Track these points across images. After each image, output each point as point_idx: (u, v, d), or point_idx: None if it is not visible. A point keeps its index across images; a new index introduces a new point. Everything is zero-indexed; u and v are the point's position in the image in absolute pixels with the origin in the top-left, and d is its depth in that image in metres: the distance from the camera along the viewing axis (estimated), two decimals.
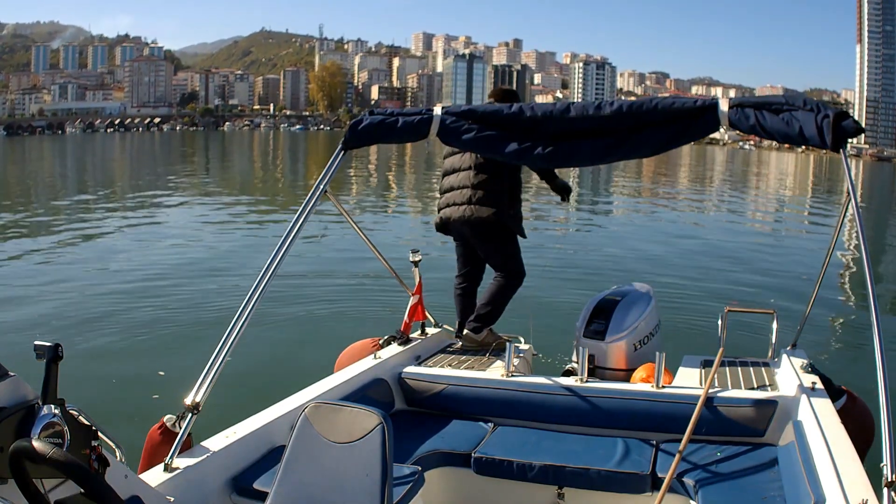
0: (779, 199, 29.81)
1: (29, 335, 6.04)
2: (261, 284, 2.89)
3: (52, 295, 9.29)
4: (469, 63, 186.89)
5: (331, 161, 3.29)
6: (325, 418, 2.15)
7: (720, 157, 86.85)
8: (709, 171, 52.18)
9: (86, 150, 64.45)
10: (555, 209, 18.98)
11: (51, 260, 11.81)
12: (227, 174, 36.51)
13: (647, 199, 27.81)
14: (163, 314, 8.36)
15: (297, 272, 10.40)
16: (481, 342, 4.33)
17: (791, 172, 49.49)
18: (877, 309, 2.43)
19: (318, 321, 8.13)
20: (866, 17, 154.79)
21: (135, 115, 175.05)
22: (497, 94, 4.52)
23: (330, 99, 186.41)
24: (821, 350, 5.53)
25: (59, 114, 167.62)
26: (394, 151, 55.33)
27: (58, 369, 1.86)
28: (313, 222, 14.70)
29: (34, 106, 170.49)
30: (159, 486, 2.36)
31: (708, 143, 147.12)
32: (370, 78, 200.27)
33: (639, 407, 3.30)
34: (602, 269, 11.36)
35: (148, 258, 11.91)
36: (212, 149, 68.55)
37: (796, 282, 10.16)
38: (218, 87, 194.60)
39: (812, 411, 2.83)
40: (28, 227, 16.47)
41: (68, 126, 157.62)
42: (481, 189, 4.29)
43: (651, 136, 3.00)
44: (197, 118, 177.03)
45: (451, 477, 3.20)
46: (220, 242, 13.58)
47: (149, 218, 17.76)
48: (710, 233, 17.22)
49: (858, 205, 2.81)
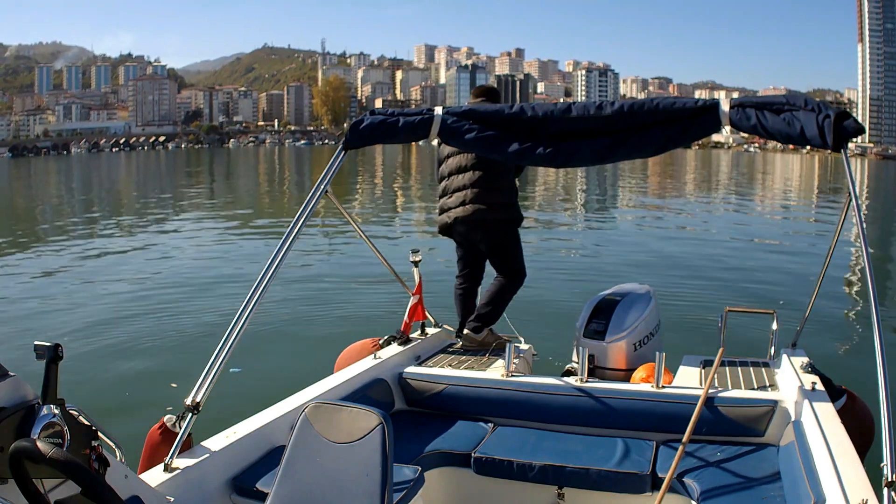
0: (781, 200, 29.75)
1: (29, 335, 6.05)
2: (261, 285, 2.89)
3: (53, 298, 9.31)
4: (472, 74, 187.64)
5: (331, 161, 3.28)
6: (325, 418, 2.14)
7: (724, 159, 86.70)
8: (711, 174, 52.12)
9: (91, 170, 64.79)
10: (555, 209, 18.98)
11: (55, 269, 11.81)
12: (233, 189, 36.50)
13: (647, 199, 27.86)
14: (163, 315, 8.37)
15: (297, 272, 10.41)
16: (481, 342, 4.33)
17: (796, 174, 49.21)
18: (877, 309, 2.43)
19: (318, 321, 8.14)
20: (867, 15, 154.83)
21: (139, 133, 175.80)
22: (483, 92, 4.50)
23: (334, 113, 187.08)
24: (821, 350, 5.52)
25: (64, 134, 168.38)
26: (397, 151, 55.39)
27: (58, 369, 1.86)
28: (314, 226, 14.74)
29: (39, 127, 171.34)
30: (159, 486, 2.36)
31: (713, 146, 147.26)
32: (373, 91, 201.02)
33: (639, 407, 3.30)
34: (602, 269, 11.36)
35: (151, 266, 11.93)
36: (217, 166, 68.92)
37: (797, 282, 10.17)
38: (222, 104, 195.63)
39: (812, 411, 2.83)
40: (34, 240, 16.49)
41: (73, 146, 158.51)
42: (488, 188, 4.29)
43: (652, 136, 2.99)
44: (202, 136, 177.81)
45: (451, 477, 3.20)
46: (222, 250, 13.57)
47: (153, 230, 17.72)
48: (711, 233, 17.23)
49: (859, 205, 2.81)
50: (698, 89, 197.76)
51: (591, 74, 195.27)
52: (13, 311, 8.62)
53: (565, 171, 38.65)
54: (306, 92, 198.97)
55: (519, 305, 4.66)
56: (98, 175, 55.71)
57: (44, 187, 40.39)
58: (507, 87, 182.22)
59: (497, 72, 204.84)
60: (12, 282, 10.64)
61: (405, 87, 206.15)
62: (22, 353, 2.02)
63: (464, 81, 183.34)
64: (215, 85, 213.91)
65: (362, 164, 53.94)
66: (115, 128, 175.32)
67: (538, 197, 26.23)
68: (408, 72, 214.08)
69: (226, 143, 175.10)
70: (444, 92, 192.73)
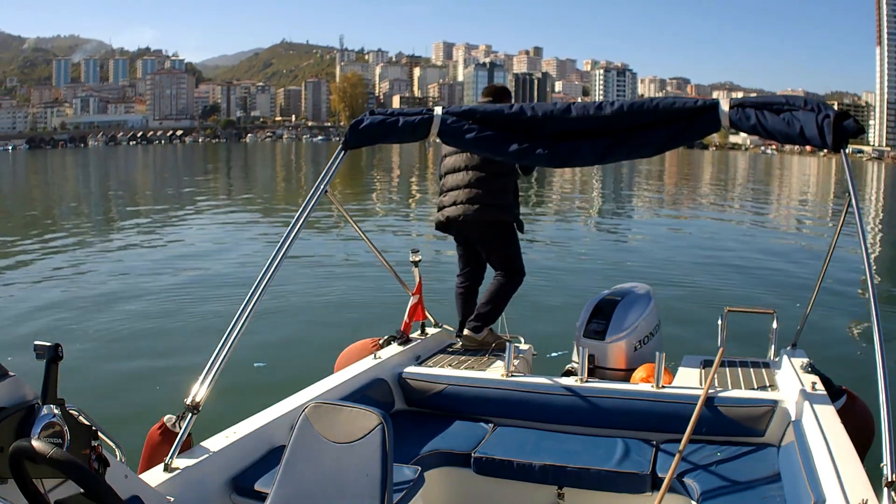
0: (793, 202, 29.53)
1: (29, 336, 6.04)
2: (261, 285, 2.88)
3: (54, 297, 9.30)
4: (490, 71, 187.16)
5: (331, 161, 3.28)
6: (325, 418, 2.14)
7: (742, 161, 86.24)
8: (723, 174, 51.84)
9: (108, 163, 64.89)
10: (556, 209, 18.98)
11: (55, 268, 11.77)
12: (247, 186, 36.41)
13: (654, 201, 27.82)
14: (163, 315, 8.37)
15: (297, 272, 10.41)
16: (481, 342, 4.33)
17: (812, 176, 48.66)
18: (877, 309, 2.42)
19: (318, 321, 8.14)
20: (885, 18, 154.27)
21: (157, 127, 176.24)
22: (490, 92, 4.53)
23: (351, 109, 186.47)
24: (821, 350, 5.51)
25: (82, 127, 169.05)
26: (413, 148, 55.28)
27: (58, 369, 1.86)
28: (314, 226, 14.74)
29: (56, 119, 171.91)
30: (159, 486, 2.36)
31: (730, 147, 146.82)
32: (391, 88, 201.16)
33: (639, 407, 3.30)
34: (602, 269, 11.36)
35: (150, 266, 11.88)
36: (234, 160, 69.14)
37: (797, 282, 10.16)
38: (239, 99, 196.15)
39: (812, 411, 2.83)
40: (41, 233, 16.48)
41: (90, 139, 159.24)
42: (481, 188, 4.31)
43: (652, 136, 2.99)
44: (219, 130, 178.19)
45: (451, 477, 3.20)
46: (223, 250, 13.53)
47: (159, 229, 17.65)
48: (712, 233, 17.22)
49: (859, 205, 2.81)
50: (716, 90, 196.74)
51: (609, 74, 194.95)
52: (12, 310, 8.61)
53: (581, 174, 38.60)
54: (324, 88, 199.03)
55: (519, 305, 4.66)
56: (115, 168, 55.96)
57: (60, 182, 40.48)
58: (524, 85, 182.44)
59: (515, 70, 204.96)
60: (11, 281, 10.64)
61: (423, 85, 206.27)
62: (22, 353, 2.02)
63: (482, 79, 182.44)
64: (233, 80, 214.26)
65: (379, 161, 53.89)
66: (132, 121, 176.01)
67: (545, 197, 26.26)
68: (425, 69, 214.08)
69: (243, 137, 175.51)
70: (462, 89, 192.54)
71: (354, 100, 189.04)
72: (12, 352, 5.85)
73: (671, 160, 66.04)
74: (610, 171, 42.10)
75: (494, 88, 4.56)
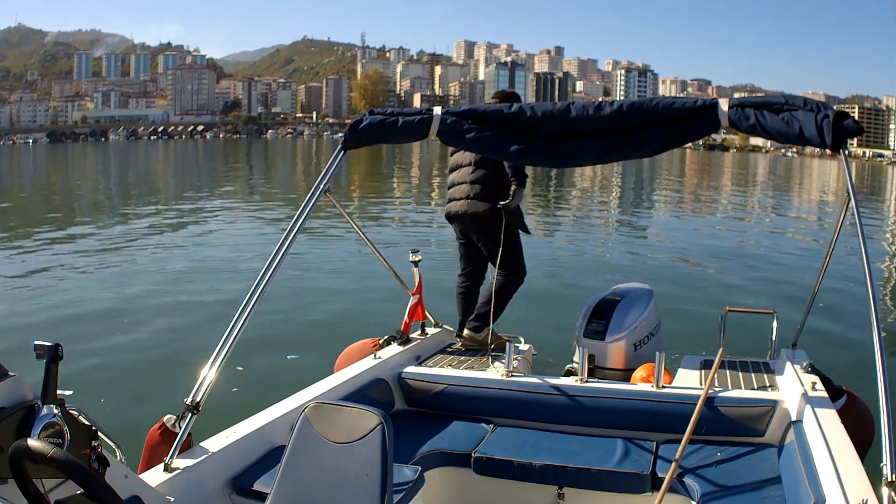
0: (805, 204, 29.24)
1: (29, 336, 6.03)
2: (261, 284, 2.89)
3: (55, 297, 9.29)
4: (511, 71, 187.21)
5: (330, 161, 3.28)
6: (325, 418, 2.14)
7: (761, 163, 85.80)
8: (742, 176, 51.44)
9: (129, 157, 64.83)
10: (556, 209, 18.97)
11: (54, 267, 11.75)
12: (269, 181, 36.32)
13: (649, 200, 27.81)
14: (163, 315, 8.36)
15: (297, 272, 10.41)
16: (481, 341, 4.33)
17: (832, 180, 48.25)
18: (877, 309, 2.42)
19: (317, 321, 8.13)
20: None
21: (178, 122, 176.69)
22: (499, 96, 4.58)
23: (372, 107, 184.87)
24: (821, 350, 5.51)
25: (102, 121, 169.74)
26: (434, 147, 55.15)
27: (58, 369, 1.86)
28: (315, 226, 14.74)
29: (77, 113, 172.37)
30: (159, 486, 2.36)
31: (750, 150, 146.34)
32: (412, 86, 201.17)
33: (639, 407, 3.30)
34: (602, 269, 11.36)
35: (151, 265, 11.86)
36: (255, 156, 69.08)
37: (797, 282, 10.16)
38: (260, 95, 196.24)
39: (812, 411, 2.83)
40: (44, 232, 16.45)
41: (111, 133, 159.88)
42: (480, 185, 4.40)
43: (651, 136, 2.99)
44: (240, 126, 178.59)
45: (451, 477, 3.20)
46: (224, 250, 13.50)
47: (168, 225, 17.53)
48: (712, 233, 17.22)
49: (858, 204, 2.81)
50: (737, 92, 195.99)
51: (630, 74, 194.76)
52: (13, 310, 8.61)
53: (580, 174, 38.54)
54: (345, 85, 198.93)
55: (519, 305, 4.66)
56: (135, 163, 55.94)
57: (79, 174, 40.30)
58: (546, 85, 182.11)
59: (536, 69, 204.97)
60: (11, 278, 10.64)
61: (444, 83, 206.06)
62: (21, 353, 2.01)
63: (503, 78, 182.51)
64: (254, 76, 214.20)
65: (400, 161, 53.82)
66: (153, 116, 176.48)
67: (545, 197, 26.24)
68: (447, 67, 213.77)
69: (264, 133, 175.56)
70: (483, 88, 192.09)
71: (375, 97, 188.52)
72: (12, 352, 5.85)
73: (690, 162, 65.84)
74: (618, 172, 42.06)
75: (504, 94, 4.61)
